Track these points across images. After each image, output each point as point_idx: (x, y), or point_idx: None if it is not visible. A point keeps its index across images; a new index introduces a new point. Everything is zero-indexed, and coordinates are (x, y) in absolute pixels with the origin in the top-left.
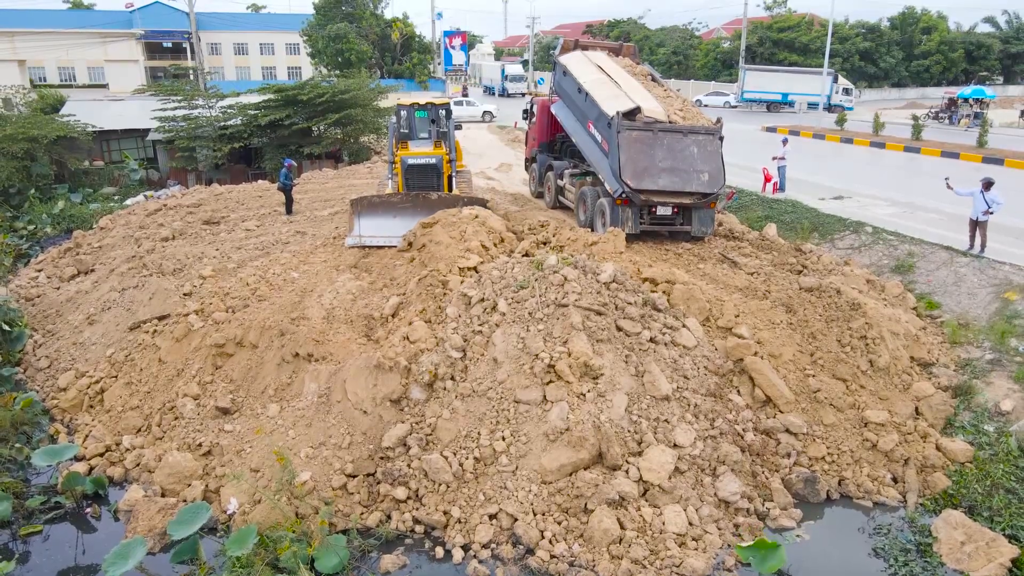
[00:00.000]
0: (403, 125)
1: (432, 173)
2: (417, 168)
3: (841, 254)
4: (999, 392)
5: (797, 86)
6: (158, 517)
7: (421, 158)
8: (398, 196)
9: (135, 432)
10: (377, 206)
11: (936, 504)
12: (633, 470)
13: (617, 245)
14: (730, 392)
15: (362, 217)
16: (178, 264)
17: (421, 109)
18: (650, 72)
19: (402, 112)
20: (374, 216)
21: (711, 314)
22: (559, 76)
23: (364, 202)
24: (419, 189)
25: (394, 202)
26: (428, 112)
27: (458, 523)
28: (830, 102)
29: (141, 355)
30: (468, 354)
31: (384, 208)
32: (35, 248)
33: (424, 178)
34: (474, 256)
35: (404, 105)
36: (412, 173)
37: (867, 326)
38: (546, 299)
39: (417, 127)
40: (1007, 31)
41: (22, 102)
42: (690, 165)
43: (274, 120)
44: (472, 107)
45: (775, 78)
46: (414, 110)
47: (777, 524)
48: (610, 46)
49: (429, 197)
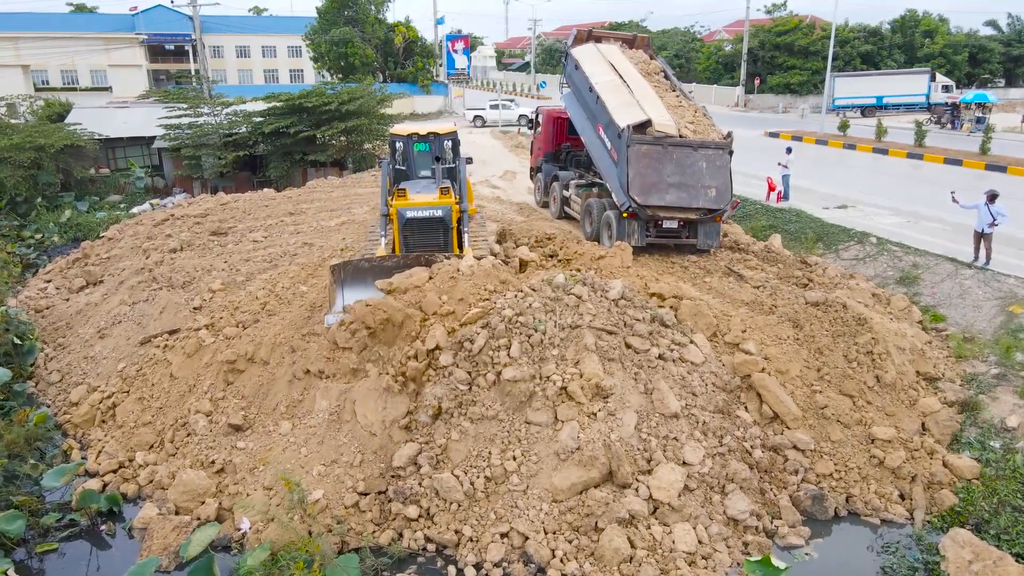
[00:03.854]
0: (399, 160)
1: (437, 229)
2: (418, 223)
3: (846, 265)
4: (1005, 408)
5: (892, 88)
6: (173, 535)
7: (423, 209)
8: (393, 259)
9: (148, 448)
10: (366, 272)
11: (943, 521)
12: (643, 488)
13: (624, 259)
14: (738, 408)
15: (346, 287)
16: (187, 277)
17: (421, 141)
18: (663, 68)
19: (397, 144)
20: (362, 285)
21: (718, 329)
22: (570, 68)
23: (349, 268)
24: (421, 249)
25: (388, 267)
26: (430, 145)
27: (470, 542)
28: (929, 101)
29: (152, 370)
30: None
31: (375, 275)
32: (42, 258)
33: (427, 235)
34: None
35: (400, 136)
36: (412, 229)
37: (873, 341)
38: (562, 322)
39: (417, 163)
40: (1009, 34)
41: (28, 110)
42: (698, 180)
43: (279, 128)
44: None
45: (867, 82)
46: (412, 142)
47: (786, 542)
48: (624, 37)
49: (434, 260)
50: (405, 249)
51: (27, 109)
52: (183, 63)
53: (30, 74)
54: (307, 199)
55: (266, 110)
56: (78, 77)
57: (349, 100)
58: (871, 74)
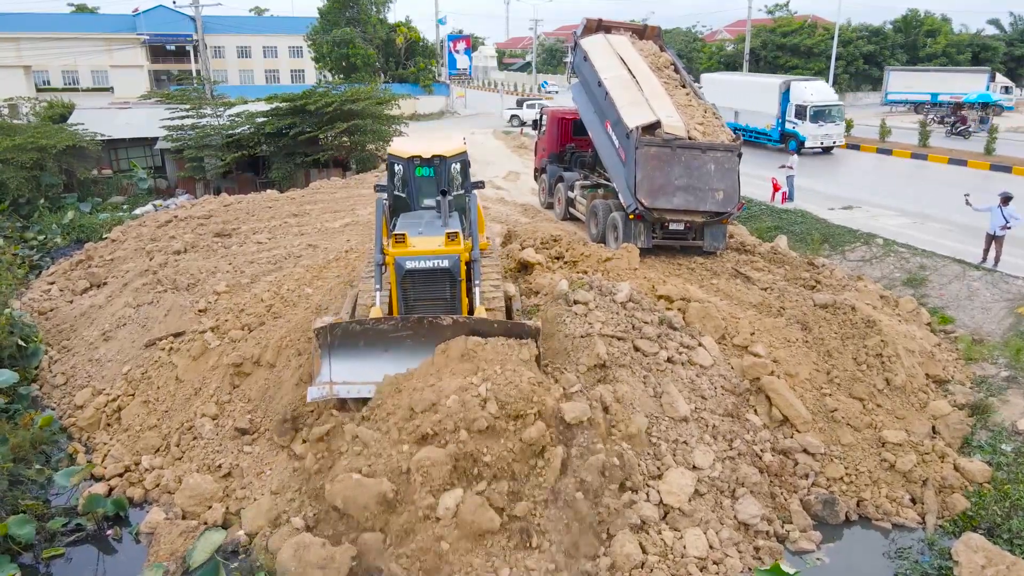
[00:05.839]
0: (398, 186)
1: (443, 282)
2: (420, 275)
3: (852, 266)
4: (1016, 411)
5: (949, 85)
6: (179, 540)
7: (426, 259)
8: (389, 322)
9: (154, 452)
10: (357, 336)
11: (955, 526)
12: (654, 493)
13: (631, 262)
14: (747, 412)
15: (334, 354)
16: (191, 279)
17: (425, 165)
18: (673, 61)
19: (396, 167)
20: (353, 353)
21: (726, 332)
22: (579, 59)
23: (337, 331)
24: (423, 306)
25: (384, 330)
26: (435, 170)
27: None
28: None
29: (158, 373)
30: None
31: (368, 340)
32: (46, 259)
33: (431, 289)
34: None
35: (399, 157)
36: (412, 282)
37: (883, 344)
38: (573, 334)
39: (419, 191)
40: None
41: (31, 112)
42: (706, 183)
43: (281, 129)
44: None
45: (923, 78)
46: (414, 166)
47: (797, 547)
48: (634, 28)
49: (439, 323)
50: (404, 305)
51: (30, 110)
52: (184, 63)
53: (31, 75)
54: (310, 200)
55: (269, 111)
56: (79, 78)
57: (353, 100)
58: (928, 70)
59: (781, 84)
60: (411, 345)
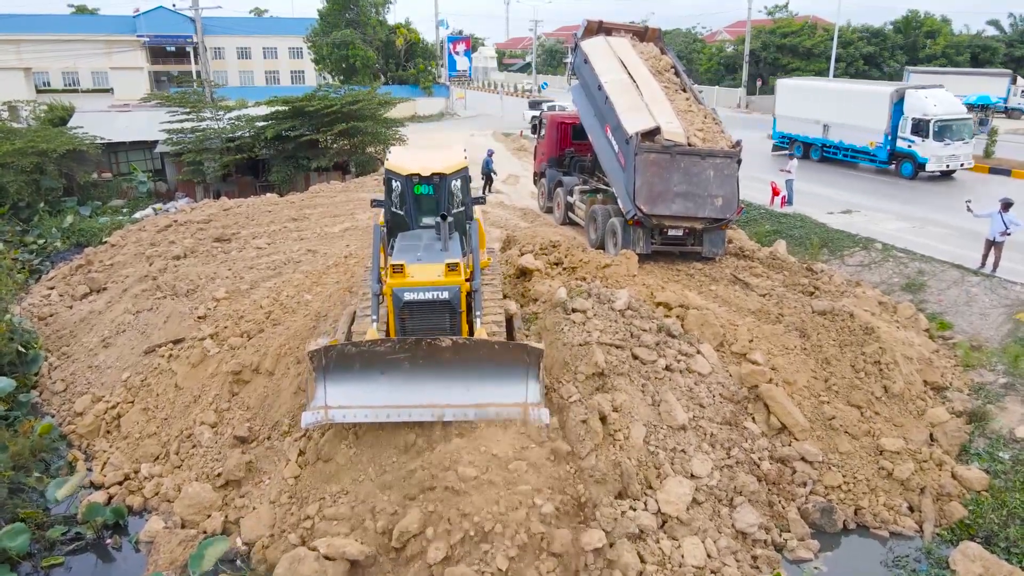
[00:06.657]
0: (395, 203)
1: (443, 313)
2: (419, 307)
3: (851, 271)
4: (1014, 418)
5: (969, 88)
6: (179, 549)
7: (426, 290)
8: (386, 344)
9: (153, 460)
10: (353, 359)
11: (953, 534)
12: (652, 502)
13: (630, 268)
14: (745, 420)
15: (329, 378)
16: (191, 285)
17: (424, 183)
18: (674, 64)
19: (394, 184)
20: (349, 376)
21: (725, 339)
22: (579, 61)
23: (332, 354)
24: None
25: (381, 352)
26: (435, 188)
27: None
28: (1007, 105)
29: (157, 380)
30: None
31: (365, 362)
32: (46, 263)
33: (430, 319)
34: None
35: (397, 174)
36: (411, 313)
37: (881, 351)
38: (572, 343)
39: (417, 209)
40: (1011, 34)
41: (31, 115)
42: (705, 190)
43: (280, 132)
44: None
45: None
46: (413, 184)
47: (795, 556)
48: (635, 30)
49: (438, 345)
50: (400, 333)
51: (30, 113)
52: (184, 64)
53: (32, 76)
54: (310, 204)
55: (268, 114)
56: (79, 79)
57: (353, 102)
58: (949, 72)
59: (893, 93)
60: (409, 368)
